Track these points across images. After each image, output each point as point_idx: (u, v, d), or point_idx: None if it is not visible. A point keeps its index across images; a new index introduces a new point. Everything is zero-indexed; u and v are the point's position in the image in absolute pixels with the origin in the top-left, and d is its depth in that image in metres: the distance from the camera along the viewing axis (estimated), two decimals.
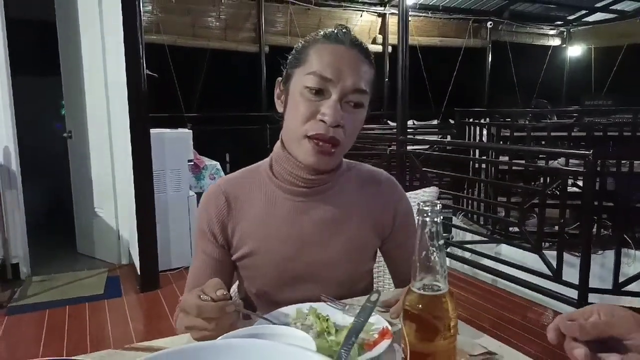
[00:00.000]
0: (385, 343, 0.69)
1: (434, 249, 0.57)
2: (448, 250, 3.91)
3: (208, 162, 4.12)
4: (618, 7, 8.50)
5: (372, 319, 0.77)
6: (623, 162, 3.07)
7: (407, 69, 3.83)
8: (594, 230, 3.39)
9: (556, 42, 9.69)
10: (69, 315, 2.87)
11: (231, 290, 1.10)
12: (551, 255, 2.97)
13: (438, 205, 0.57)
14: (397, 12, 7.03)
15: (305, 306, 0.83)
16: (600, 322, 0.55)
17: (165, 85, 5.62)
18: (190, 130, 3.86)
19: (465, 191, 4.67)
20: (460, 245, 3.84)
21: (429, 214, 0.57)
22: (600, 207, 3.18)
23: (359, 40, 0.95)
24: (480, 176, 4.54)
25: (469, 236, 4.15)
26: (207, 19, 6.31)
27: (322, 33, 0.95)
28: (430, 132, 7.21)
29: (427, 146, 5.18)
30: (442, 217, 0.58)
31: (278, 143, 1.00)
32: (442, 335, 0.57)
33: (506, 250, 3.73)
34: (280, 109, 0.97)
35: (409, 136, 4.72)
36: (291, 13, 6.79)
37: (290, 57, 0.96)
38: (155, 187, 3.28)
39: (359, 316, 0.62)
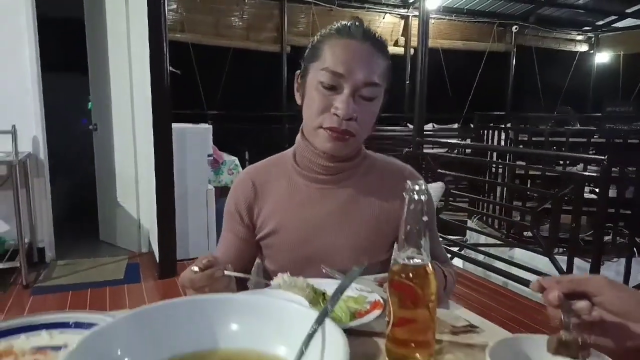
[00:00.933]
0: (375, 313, 0.74)
1: (418, 224, 0.62)
2: (462, 252, 3.92)
3: (227, 157, 4.22)
4: None
5: (366, 293, 0.83)
6: None
7: (426, 71, 3.85)
8: (610, 237, 3.35)
9: (583, 47, 9.51)
10: (90, 297, 3.00)
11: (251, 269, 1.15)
12: (563, 260, 2.95)
13: (423, 185, 0.62)
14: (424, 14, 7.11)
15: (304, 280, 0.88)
16: (575, 277, 0.61)
17: (188, 82, 5.76)
18: (210, 126, 3.96)
19: (482, 195, 4.65)
20: (474, 247, 3.84)
21: (414, 192, 0.62)
22: (617, 214, 3.15)
23: (371, 32, 0.97)
24: (497, 180, 4.52)
25: (482, 239, 4.14)
26: (231, 18, 6.43)
27: (335, 27, 0.98)
28: (449, 136, 7.19)
29: (445, 149, 5.18)
30: (425, 197, 0.63)
31: (299, 134, 1.06)
32: (423, 302, 0.62)
33: (519, 254, 3.71)
34: (299, 101, 1.03)
35: (426, 138, 4.73)
36: (313, 14, 6.86)
37: (306, 52, 1.01)
38: (175, 180, 3.38)
39: (345, 278, 0.67)
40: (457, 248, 4.00)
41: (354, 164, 1.05)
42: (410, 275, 0.62)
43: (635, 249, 2.90)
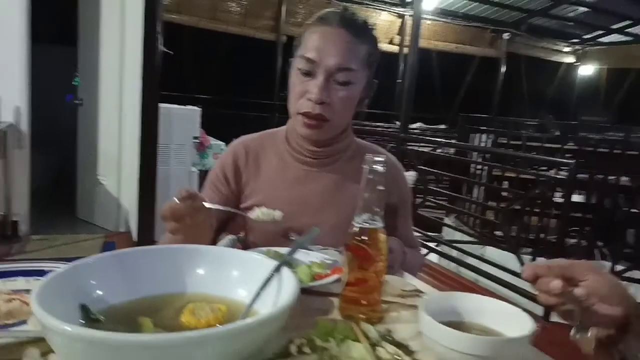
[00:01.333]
0: (334, 277, 0.81)
1: (374, 192, 0.69)
2: (438, 248, 4.03)
3: (214, 141, 4.24)
4: (634, 30, 8.51)
5: (330, 261, 0.89)
6: (610, 177, 3.16)
7: (415, 70, 3.93)
8: (576, 240, 3.48)
9: (570, 59, 9.72)
10: None
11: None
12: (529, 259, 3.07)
13: (380, 157, 0.69)
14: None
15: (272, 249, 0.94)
16: (563, 263, 0.63)
17: (180, 65, 5.75)
18: (199, 108, 3.98)
19: (462, 194, 4.77)
20: (448, 243, 3.95)
21: (372, 164, 0.69)
22: (584, 218, 3.28)
23: (350, 18, 0.99)
24: (477, 180, 4.63)
25: (458, 236, 4.26)
26: (228, 3, 6.41)
27: (320, 14, 1.02)
28: (437, 135, 7.29)
29: (431, 148, 5.27)
30: (381, 169, 0.69)
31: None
32: (373, 262, 0.69)
33: (490, 252, 3.83)
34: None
35: (411, 135, 4.82)
36: (312, 5, 6.88)
37: (294, 42, 1.06)
38: (158, 160, 3.40)
39: (302, 238, 0.73)
40: (434, 244, 4.11)
41: (339, 148, 1.09)
42: (364, 237, 0.69)
43: (596, 251, 3.02)
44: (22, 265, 0.82)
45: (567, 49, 9.62)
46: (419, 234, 4.18)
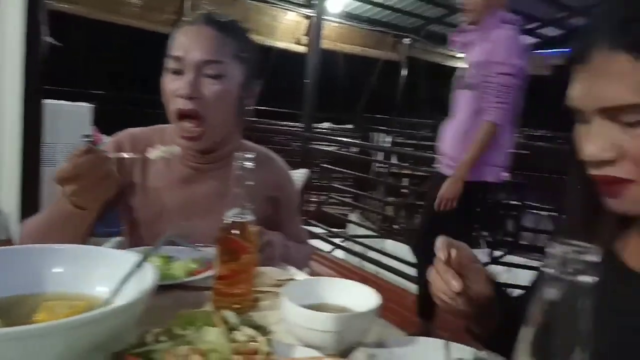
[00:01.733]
0: (210, 272, 0.83)
1: (243, 187, 0.72)
2: (344, 244, 4.18)
3: (107, 139, 4.00)
4: None
5: (210, 257, 0.90)
6: None
7: (316, 70, 4.04)
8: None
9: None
10: None
11: None
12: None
13: (249, 154, 0.73)
14: (325, 16, 7.33)
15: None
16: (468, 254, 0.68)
17: (74, 58, 5.34)
18: (90, 105, 3.73)
19: (365, 191, 4.99)
20: (351, 238, 4.12)
21: (241, 161, 0.72)
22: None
23: (217, 17, 1.02)
24: (380, 178, 4.88)
25: (361, 231, 4.46)
26: None
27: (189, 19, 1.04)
28: (344, 135, 7.54)
29: (335, 147, 5.45)
30: (250, 165, 0.73)
31: None
32: (243, 253, 0.72)
33: (390, 245, 4.07)
34: None
35: (317, 135, 4.95)
36: (217, 1, 6.75)
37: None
38: (44, 161, 3.13)
39: (169, 233, 0.74)
40: (340, 240, 4.26)
41: (224, 153, 1.07)
42: (233, 231, 0.72)
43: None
44: None
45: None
46: (324, 231, 4.33)
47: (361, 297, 0.69)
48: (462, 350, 0.62)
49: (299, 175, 1.55)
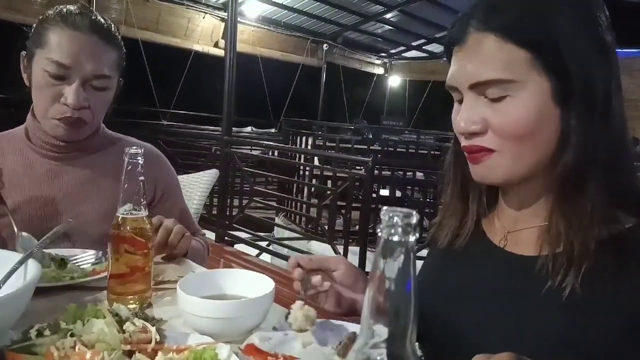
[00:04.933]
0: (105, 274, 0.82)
1: (134, 183, 0.73)
2: (270, 247, 4.18)
3: None
4: (429, 47, 10.12)
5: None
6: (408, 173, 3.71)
7: (232, 73, 4.03)
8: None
9: (380, 70, 11.06)
10: None
11: None
12: (352, 250, 3.39)
13: (137, 149, 0.73)
14: (243, 20, 7.31)
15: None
16: (319, 257, 0.78)
17: None
18: None
19: (288, 193, 5.04)
20: (277, 241, 4.14)
21: (130, 157, 0.73)
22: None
23: (99, 23, 1.00)
24: (305, 180, 4.96)
25: (287, 234, 4.49)
26: None
27: (60, 13, 0.98)
28: (267, 139, 7.55)
29: (259, 151, 5.45)
30: (140, 161, 0.73)
31: (30, 114, 1.04)
32: (140, 250, 0.73)
33: (315, 246, 4.14)
34: (27, 83, 1.02)
35: (238, 139, 4.92)
36: (127, 2, 6.49)
37: (31, 34, 1.00)
38: None
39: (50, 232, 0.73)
40: (265, 243, 4.25)
41: (88, 143, 1.07)
42: (126, 227, 0.72)
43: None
44: None
45: (377, 62, 10.93)
46: (249, 235, 4.30)
47: (257, 285, 0.72)
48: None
49: (207, 176, 1.56)
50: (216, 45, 7.71)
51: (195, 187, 1.55)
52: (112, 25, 1.03)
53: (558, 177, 0.59)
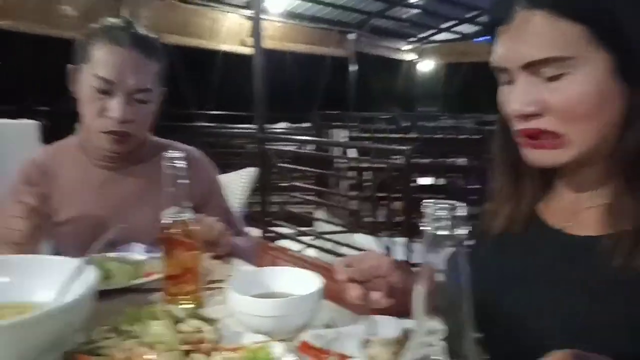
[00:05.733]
0: (159, 274, 0.85)
1: (176, 186, 0.75)
2: (315, 242, 4.19)
3: None
4: (460, 29, 9.83)
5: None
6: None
7: (262, 70, 4.07)
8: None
9: (410, 56, 10.85)
10: None
11: None
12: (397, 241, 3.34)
13: (176, 153, 0.75)
14: (268, 16, 7.33)
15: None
16: (367, 266, 0.71)
17: (15, 75, 5.11)
18: (36, 122, 3.58)
19: (328, 187, 5.04)
20: (320, 235, 4.15)
21: (169, 160, 0.75)
22: (433, 199, 3.71)
23: (140, 36, 1.03)
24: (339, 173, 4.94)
25: (328, 228, 4.49)
26: (62, 7, 5.86)
27: (101, 27, 1.02)
28: (303, 133, 7.55)
29: (294, 146, 5.48)
30: (179, 164, 0.75)
31: (81, 126, 1.09)
32: (189, 251, 0.75)
33: (359, 238, 4.12)
34: (75, 96, 1.06)
35: (272, 135, 4.97)
36: (156, 9, 6.63)
37: (77, 49, 1.04)
38: None
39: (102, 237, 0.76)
40: (310, 237, 4.26)
41: (139, 153, 1.11)
42: (174, 230, 0.74)
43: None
44: None
45: (406, 47, 10.72)
46: (292, 230, 4.32)
47: (305, 282, 0.73)
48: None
49: (245, 174, 1.58)
50: (243, 44, 7.77)
51: (235, 186, 1.58)
52: (154, 38, 1.06)
53: (625, 154, 0.57)
